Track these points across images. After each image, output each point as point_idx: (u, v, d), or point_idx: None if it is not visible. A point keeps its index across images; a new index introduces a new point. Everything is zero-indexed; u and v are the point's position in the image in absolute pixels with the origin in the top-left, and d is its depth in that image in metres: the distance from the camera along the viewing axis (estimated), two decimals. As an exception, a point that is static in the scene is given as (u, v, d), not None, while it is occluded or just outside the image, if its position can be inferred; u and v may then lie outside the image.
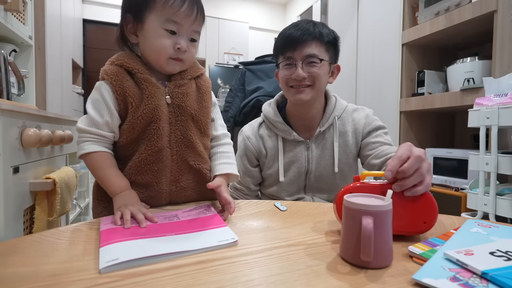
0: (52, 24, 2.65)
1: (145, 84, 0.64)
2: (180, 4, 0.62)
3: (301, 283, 0.36)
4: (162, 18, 0.62)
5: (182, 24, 0.64)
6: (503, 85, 1.31)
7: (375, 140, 0.94)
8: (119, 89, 0.63)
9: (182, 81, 0.69)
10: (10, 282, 0.36)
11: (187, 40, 0.66)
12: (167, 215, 0.61)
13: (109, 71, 0.64)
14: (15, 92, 1.36)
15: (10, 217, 0.80)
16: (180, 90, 0.68)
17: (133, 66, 0.65)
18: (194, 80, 0.72)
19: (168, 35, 0.64)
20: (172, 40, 0.64)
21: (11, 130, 0.80)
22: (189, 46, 0.66)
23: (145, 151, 0.65)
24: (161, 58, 0.65)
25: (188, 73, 0.71)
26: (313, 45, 0.87)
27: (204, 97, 0.72)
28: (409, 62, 2.14)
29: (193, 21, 0.65)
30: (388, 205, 0.41)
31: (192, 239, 0.48)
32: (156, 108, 0.64)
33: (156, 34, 0.63)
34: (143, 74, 0.65)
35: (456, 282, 0.34)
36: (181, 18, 0.63)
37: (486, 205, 1.29)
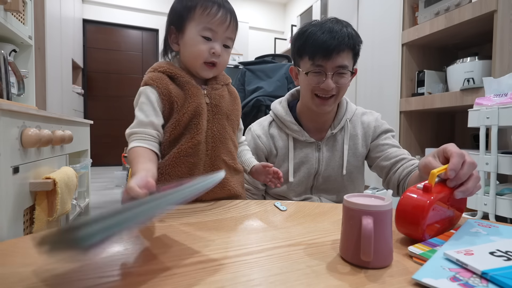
0: (52, 24, 2.65)
1: (187, 86, 0.72)
2: (215, 13, 0.70)
3: (301, 283, 0.36)
4: (199, 26, 0.70)
5: (216, 31, 0.71)
6: (503, 85, 1.31)
7: (384, 143, 0.96)
8: (165, 91, 0.69)
9: (217, 85, 0.77)
10: (10, 282, 0.36)
11: (221, 45, 0.73)
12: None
13: (154, 77, 0.71)
14: (15, 92, 1.36)
15: (10, 217, 0.80)
16: (217, 92, 0.76)
17: (174, 72, 0.72)
18: (225, 86, 0.80)
19: (204, 41, 0.71)
20: (207, 45, 0.71)
21: (11, 130, 0.80)
22: (222, 51, 0.73)
23: (185, 143, 0.70)
24: (197, 62, 0.72)
25: (220, 79, 0.79)
26: (345, 55, 0.86)
27: (235, 100, 0.81)
28: (409, 62, 2.15)
29: (227, 28, 0.72)
30: (388, 205, 0.41)
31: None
32: (198, 106, 0.71)
33: (194, 41, 0.71)
34: (185, 77, 0.72)
35: (456, 282, 0.34)
36: (215, 25, 0.70)
37: (486, 205, 1.29)
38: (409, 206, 0.47)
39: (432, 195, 0.47)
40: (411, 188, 0.49)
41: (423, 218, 0.45)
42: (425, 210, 0.45)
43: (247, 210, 0.67)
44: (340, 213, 0.46)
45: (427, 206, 0.46)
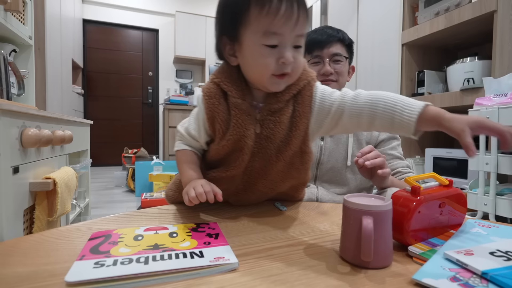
0: (52, 24, 2.65)
1: (235, 110, 0.59)
2: (276, 9, 0.51)
3: (301, 283, 0.36)
4: (259, 32, 0.53)
5: (282, 33, 0.52)
6: (503, 85, 1.31)
7: (389, 153, 0.99)
8: (210, 113, 0.59)
9: (277, 104, 0.59)
10: (10, 282, 0.36)
11: (291, 49, 0.54)
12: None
13: (207, 90, 0.61)
14: (15, 92, 1.36)
15: (10, 217, 0.80)
16: (273, 118, 0.59)
17: (228, 88, 0.59)
18: (292, 100, 0.60)
19: (269, 51, 0.53)
20: (274, 56, 0.54)
21: (11, 130, 0.80)
22: (294, 55, 0.54)
23: (219, 173, 0.64)
24: (264, 77, 0.56)
25: (287, 89, 0.58)
26: (338, 46, 1.00)
27: (297, 123, 0.59)
28: (409, 62, 2.15)
29: (295, 25, 0.52)
30: (388, 205, 0.41)
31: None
32: (241, 139, 0.59)
33: (256, 52, 0.54)
34: (236, 98, 0.59)
35: (456, 282, 0.34)
36: (280, 26, 0.52)
37: (486, 205, 1.29)
38: (394, 208, 0.43)
39: (418, 196, 0.45)
40: (400, 190, 0.48)
41: (407, 221, 0.44)
42: (410, 212, 0.44)
43: (247, 210, 0.67)
44: (340, 213, 0.46)
45: (412, 208, 0.44)
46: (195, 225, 0.55)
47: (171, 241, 0.47)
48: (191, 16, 4.74)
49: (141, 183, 3.04)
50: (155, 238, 0.48)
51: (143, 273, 0.36)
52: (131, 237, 0.48)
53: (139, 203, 2.68)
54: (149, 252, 0.42)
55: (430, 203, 0.46)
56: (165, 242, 0.46)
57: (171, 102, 3.40)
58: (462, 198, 0.51)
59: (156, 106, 4.99)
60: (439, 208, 0.48)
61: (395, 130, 0.51)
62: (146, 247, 0.44)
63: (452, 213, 0.50)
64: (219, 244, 0.46)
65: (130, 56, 4.92)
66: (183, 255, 0.41)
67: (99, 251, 0.42)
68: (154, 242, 0.46)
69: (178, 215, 0.63)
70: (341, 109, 0.56)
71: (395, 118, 0.50)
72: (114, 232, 0.50)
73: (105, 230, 0.51)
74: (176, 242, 0.46)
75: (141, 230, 0.51)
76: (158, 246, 0.44)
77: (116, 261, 0.39)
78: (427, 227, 0.47)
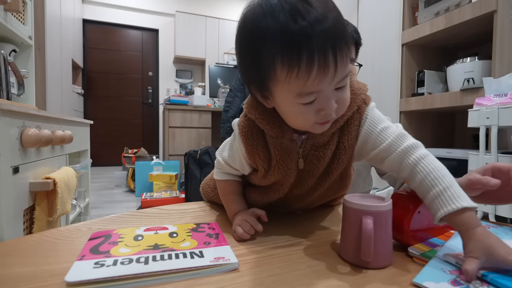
0: (52, 24, 2.65)
1: (275, 149, 0.53)
2: (308, 71, 0.41)
3: (301, 283, 0.36)
4: (292, 94, 0.44)
5: (320, 89, 0.43)
6: (503, 85, 1.31)
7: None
8: (250, 153, 0.55)
9: (321, 138, 0.53)
10: (10, 282, 0.36)
11: (333, 95, 0.45)
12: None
13: (243, 128, 0.55)
14: (15, 92, 1.36)
15: (10, 217, 0.80)
16: (317, 153, 0.54)
17: (264, 126, 0.52)
18: (337, 133, 0.53)
19: (307, 107, 0.45)
20: (313, 110, 0.45)
21: (11, 130, 0.80)
22: (337, 98, 0.46)
23: (255, 195, 0.62)
24: (305, 127, 0.49)
25: (333, 124, 0.50)
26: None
27: (341, 155, 0.53)
28: (409, 62, 2.14)
29: (333, 77, 0.43)
30: (388, 205, 0.41)
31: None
32: (284, 175, 0.55)
33: (292, 109, 0.47)
34: (274, 137, 0.53)
35: (457, 286, 0.34)
36: (315, 86, 0.42)
37: (486, 205, 1.29)
38: (394, 209, 0.43)
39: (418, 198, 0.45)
40: (400, 190, 0.48)
41: (407, 221, 0.44)
42: (410, 213, 0.44)
43: (247, 210, 0.67)
44: (340, 213, 0.46)
45: (412, 208, 0.44)
46: (195, 225, 0.55)
47: (171, 241, 0.47)
48: (191, 16, 4.73)
49: (141, 183, 3.04)
50: (155, 238, 0.48)
51: (143, 273, 0.37)
52: (131, 237, 0.48)
53: (139, 203, 2.68)
54: (149, 252, 0.42)
55: None
56: (165, 242, 0.46)
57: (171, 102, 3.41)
58: None
59: (156, 106, 4.99)
60: None
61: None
62: (146, 247, 0.44)
63: None
64: (219, 244, 0.46)
65: (130, 56, 4.92)
66: (183, 255, 0.41)
67: (99, 251, 0.42)
68: (154, 242, 0.46)
69: (178, 215, 0.63)
70: (382, 156, 0.49)
71: (426, 198, 0.43)
72: (114, 232, 0.50)
73: (105, 230, 0.51)
74: (176, 242, 0.46)
75: (141, 230, 0.51)
76: (158, 246, 0.44)
77: (116, 261, 0.39)
78: (427, 228, 0.47)
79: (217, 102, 3.49)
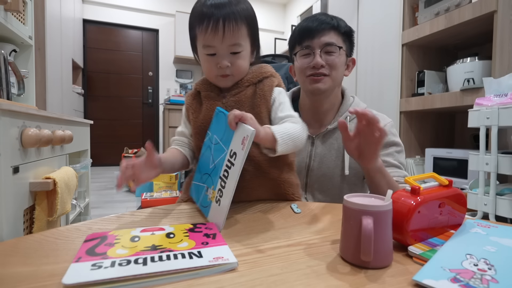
0: (52, 24, 2.65)
1: (205, 100, 0.74)
2: (205, 28, 0.66)
3: (301, 283, 0.36)
4: (200, 45, 0.70)
5: (214, 45, 0.68)
6: (503, 85, 1.31)
7: (383, 159, 0.86)
8: (187, 106, 0.78)
9: (237, 89, 0.73)
10: (10, 282, 0.36)
11: (227, 56, 0.69)
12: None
13: (188, 93, 0.80)
14: (15, 92, 1.36)
15: (10, 217, 0.80)
16: (234, 98, 0.72)
17: (200, 87, 0.76)
18: (253, 86, 0.73)
19: (209, 58, 0.70)
20: (213, 62, 0.70)
21: (11, 130, 0.80)
22: (232, 60, 0.70)
23: None
24: (212, 77, 0.73)
25: (245, 80, 0.73)
26: (331, 34, 0.90)
27: (258, 102, 0.71)
28: (409, 62, 2.15)
29: (222, 39, 0.66)
30: (388, 205, 0.41)
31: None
32: (210, 118, 0.69)
33: (203, 59, 0.72)
34: (205, 91, 0.75)
35: (456, 283, 0.34)
36: (210, 40, 0.67)
37: (486, 205, 1.29)
38: (394, 209, 0.43)
39: (418, 197, 0.45)
40: (400, 190, 0.48)
41: (407, 221, 0.44)
42: (409, 212, 0.44)
43: (247, 211, 0.67)
44: (340, 213, 0.46)
45: (412, 208, 0.44)
46: (192, 225, 0.54)
47: (169, 242, 0.46)
48: (191, 16, 4.72)
49: (141, 183, 3.03)
50: (152, 239, 0.47)
51: (142, 274, 0.36)
52: (127, 239, 0.47)
53: (139, 203, 2.68)
54: (147, 253, 0.42)
55: (429, 203, 0.46)
56: (163, 243, 0.46)
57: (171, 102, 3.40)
58: (461, 198, 0.51)
59: (156, 106, 4.99)
60: (439, 208, 0.48)
61: None
62: (144, 248, 0.43)
63: (452, 213, 0.50)
64: (217, 244, 0.46)
65: (130, 56, 4.92)
66: (181, 255, 0.41)
67: (95, 253, 0.42)
68: (151, 243, 0.45)
69: (177, 215, 0.63)
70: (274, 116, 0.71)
71: None
72: (110, 233, 0.49)
73: (101, 232, 0.50)
74: (173, 242, 0.46)
75: (137, 231, 0.50)
76: (155, 247, 0.44)
77: (114, 263, 0.39)
78: (426, 227, 0.47)
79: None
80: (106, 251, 0.42)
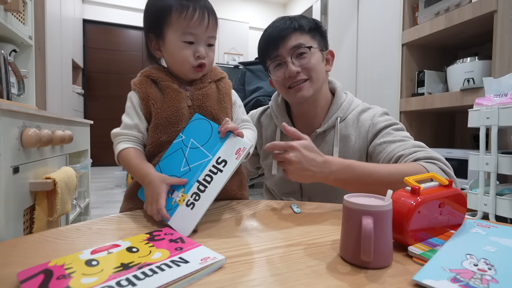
0: (52, 24, 2.65)
1: (167, 90, 0.71)
2: (191, 15, 0.67)
3: (301, 283, 0.36)
4: (179, 31, 0.68)
5: (197, 33, 0.69)
6: (503, 85, 1.31)
7: (381, 141, 0.81)
8: (144, 95, 0.70)
9: (202, 84, 0.74)
10: (10, 282, 0.36)
11: (205, 46, 0.71)
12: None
13: (137, 81, 0.72)
14: (15, 92, 1.35)
15: (10, 217, 0.80)
16: (200, 92, 0.73)
17: (157, 76, 0.72)
18: (214, 83, 0.76)
19: (187, 46, 0.69)
20: (191, 50, 0.69)
21: (11, 130, 0.80)
22: (207, 51, 0.71)
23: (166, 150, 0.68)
24: (185, 68, 0.71)
25: (208, 77, 0.75)
26: (296, 36, 0.84)
27: (224, 98, 0.76)
28: (409, 62, 2.15)
29: (206, 28, 0.69)
30: (388, 205, 0.41)
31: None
32: (177, 110, 0.70)
33: (177, 47, 0.69)
34: (166, 81, 0.71)
35: (456, 283, 0.34)
36: (194, 28, 0.68)
37: (486, 205, 1.29)
38: (393, 208, 0.43)
39: (418, 197, 0.45)
40: (400, 190, 0.48)
41: (407, 221, 0.44)
42: (409, 212, 0.44)
43: (247, 211, 0.67)
44: (340, 213, 0.46)
45: (412, 208, 0.44)
46: (149, 234, 0.50)
47: (138, 256, 0.41)
48: (191, 16, 4.73)
49: (141, 183, 3.03)
50: (115, 258, 0.41)
51: None
52: (81, 264, 0.39)
53: (139, 203, 2.67)
54: (123, 273, 0.37)
55: (429, 203, 0.46)
56: (133, 259, 0.40)
57: (171, 102, 3.43)
58: (461, 198, 0.51)
59: (156, 106, 4.99)
60: (439, 208, 0.48)
61: None
62: (115, 270, 0.38)
63: (452, 213, 0.50)
64: (192, 246, 0.44)
65: (130, 56, 4.92)
66: (166, 266, 0.39)
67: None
68: (119, 262, 0.40)
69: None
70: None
71: None
72: (50, 265, 0.39)
73: (34, 267, 0.38)
74: (143, 256, 0.41)
75: (87, 254, 0.42)
76: (128, 266, 0.39)
77: None
78: (426, 227, 0.47)
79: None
80: (67, 285, 0.34)
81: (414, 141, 0.79)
